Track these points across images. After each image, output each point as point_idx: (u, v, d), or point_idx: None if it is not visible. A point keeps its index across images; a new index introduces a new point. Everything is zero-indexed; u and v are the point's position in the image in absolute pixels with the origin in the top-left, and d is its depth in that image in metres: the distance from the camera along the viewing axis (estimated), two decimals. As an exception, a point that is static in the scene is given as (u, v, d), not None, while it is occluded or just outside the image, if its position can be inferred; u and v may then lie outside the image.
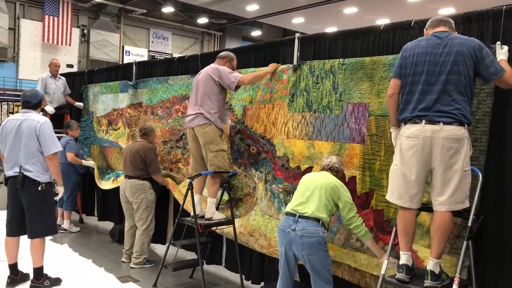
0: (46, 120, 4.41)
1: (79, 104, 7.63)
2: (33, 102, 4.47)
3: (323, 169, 3.66)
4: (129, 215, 5.46)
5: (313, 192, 3.46)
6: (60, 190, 4.70)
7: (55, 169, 4.39)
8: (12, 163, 4.32)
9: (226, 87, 4.43)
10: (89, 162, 6.98)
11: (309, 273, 3.48)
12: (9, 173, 4.34)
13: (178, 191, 5.38)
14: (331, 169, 3.62)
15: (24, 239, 4.44)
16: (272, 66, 4.40)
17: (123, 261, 5.43)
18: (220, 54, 4.66)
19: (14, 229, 4.42)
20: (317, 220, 3.38)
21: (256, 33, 28.81)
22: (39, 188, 4.28)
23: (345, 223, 3.50)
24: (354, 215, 3.45)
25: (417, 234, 3.29)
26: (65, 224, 6.81)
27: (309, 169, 4.02)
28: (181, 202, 4.86)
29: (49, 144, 4.31)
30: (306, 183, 3.58)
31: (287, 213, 3.52)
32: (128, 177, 5.36)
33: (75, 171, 6.72)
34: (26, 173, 4.26)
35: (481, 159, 3.07)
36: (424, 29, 3.17)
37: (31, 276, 4.44)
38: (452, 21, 3.09)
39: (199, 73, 4.62)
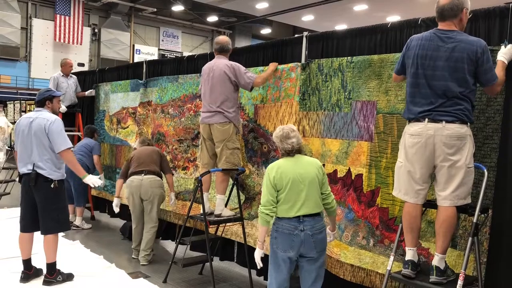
0: (56, 119, 4.46)
1: (90, 91, 7.73)
2: (36, 99, 4.55)
3: (291, 151, 3.29)
4: (138, 214, 5.45)
5: (308, 190, 3.22)
6: (90, 179, 4.55)
7: (72, 164, 4.46)
8: (26, 160, 4.40)
9: (242, 87, 4.50)
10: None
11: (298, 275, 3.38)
12: (23, 170, 4.42)
13: None
14: (300, 151, 3.34)
15: (38, 235, 4.53)
16: (273, 65, 4.47)
17: (133, 258, 5.50)
18: (220, 47, 4.63)
19: (28, 225, 4.51)
20: (319, 213, 3.29)
21: (265, 30, 28.84)
22: (52, 186, 4.36)
23: (324, 197, 3.30)
24: (329, 189, 3.36)
25: (428, 232, 3.32)
26: (77, 221, 6.91)
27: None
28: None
29: (58, 141, 4.36)
30: (295, 183, 3.23)
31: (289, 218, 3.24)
32: (145, 172, 5.31)
33: (86, 170, 6.80)
34: (39, 171, 4.34)
35: (493, 157, 3.08)
36: (441, 3, 2.98)
37: (44, 271, 4.53)
38: None
39: (211, 65, 4.60)
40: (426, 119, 2.92)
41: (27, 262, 4.56)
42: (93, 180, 4.59)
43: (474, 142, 2.95)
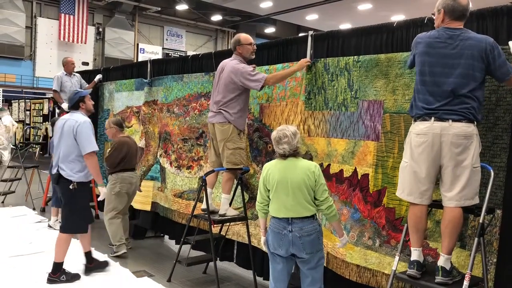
0: (85, 121, 4.54)
1: (98, 76, 7.69)
2: (69, 105, 4.73)
3: (283, 155, 3.32)
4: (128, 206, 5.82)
5: (294, 195, 3.24)
6: (102, 190, 4.71)
7: (92, 169, 4.51)
8: (55, 161, 4.57)
9: (251, 89, 4.47)
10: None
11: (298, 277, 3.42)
12: (53, 170, 4.59)
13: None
14: (295, 155, 3.32)
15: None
16: (301, 64, 4.21)
17: (125, 252, 5.52)
18: (232, 45, 4.64)
19: None
20: (310, 217, 3.27)
21: (270, 30, 28.82)
22: (71, 187, 4.43)
23: (317, 204, 3.28)
24: (327, 196, 3.29)
25: (436, 232, 3.29)
26: (51, 221, 6.70)
27: (328, 167, 4.05)
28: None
29: (84, 144, 4.45)
30: (280, 186, 3.28)
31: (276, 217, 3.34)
32: (135, 169, 5.75)
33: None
34: (61, 172, 4.46)
35: (503, 157, 3.04)
36: (441, 7, 2.98)
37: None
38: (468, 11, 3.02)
39: (223, 65, 4.58)
40: (433, 118, 2.90)
41: (87, 255, 4.83)
42: (102, 192, 4.72)
43: (480, 141, 2.92)
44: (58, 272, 4.52)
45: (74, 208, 4.51)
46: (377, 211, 3.65)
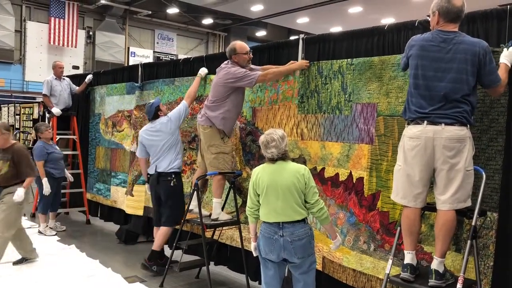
0: (168, 114, 4.98)
1: (88, 77, 7.64)
2: (148, 117, 5.07)
3: (271, 159, 3.29)
4: None
5: (284, 198, 3.21)
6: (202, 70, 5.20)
7: (192, 90, 5.10)
8: (153, 163, 4.98)
9: (245, 86, 4.44)
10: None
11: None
12: (151, 171, 5.00)
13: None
14: (283, 158, 3.30)
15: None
16: (300, 64, 4.21)
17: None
18: (227, 53, 4.58)
19: (155, 220, 5.17)
20: (301, 221, 3.25)
21: (261, 33, 28.86)
22: (171, 184, 4.88)
23: (308, 207, 3.25)
24: (318, 198, 3.25)
25: (430, 236, 3.28)
26: (41, 227, 6.61)
27: (322, 170, 4.03)
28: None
29: (179, 112, 4.95)
30: (270, 189, 3.25)
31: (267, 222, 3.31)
32: None
33: (50, 175, 6.47)
34: (158, 170, 4.90)
35: (498, 159, 3.04)
36: (436, 9, 2.97)
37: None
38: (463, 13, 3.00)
39: (218, 69, 4.55)
40: (425, 122, 2.90)
41: (155, 253, 5.02)
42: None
43: (474, 144, 2.92)
44: (153, 261, 4.92)
45: (177, 202, 4.92)
46: (372, 215, 3.64)
